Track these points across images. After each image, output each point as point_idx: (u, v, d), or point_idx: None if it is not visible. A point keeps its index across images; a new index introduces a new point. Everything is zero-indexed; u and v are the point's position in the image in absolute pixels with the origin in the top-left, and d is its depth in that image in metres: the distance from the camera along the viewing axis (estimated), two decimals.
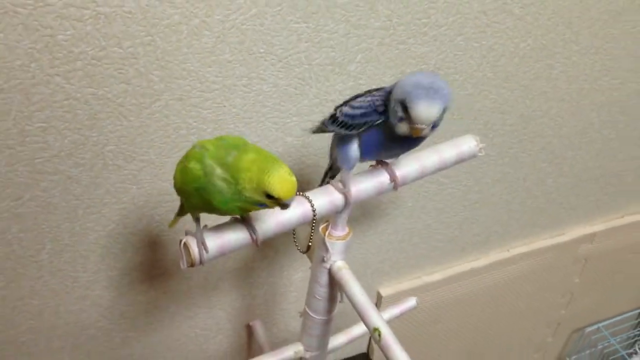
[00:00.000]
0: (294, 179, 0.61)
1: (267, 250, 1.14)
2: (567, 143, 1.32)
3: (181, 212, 0.81)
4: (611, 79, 1.26)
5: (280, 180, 0.59)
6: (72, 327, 1.05)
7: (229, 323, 1.21)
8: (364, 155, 0.74)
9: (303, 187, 0.80)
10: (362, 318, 0.78)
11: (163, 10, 0.79)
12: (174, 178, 0.69)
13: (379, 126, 0.69)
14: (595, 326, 1.79)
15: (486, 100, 1.14)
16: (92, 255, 0.98)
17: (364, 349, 1.46)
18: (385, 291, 1.34)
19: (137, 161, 0.91)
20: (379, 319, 0.76)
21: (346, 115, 0.72)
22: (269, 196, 0.60)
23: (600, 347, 1.83)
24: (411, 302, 1.07)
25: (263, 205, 0.62)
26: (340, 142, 0.76)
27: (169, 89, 0.86)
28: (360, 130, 0.70)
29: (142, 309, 1.09)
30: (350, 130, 0.72)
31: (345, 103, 0.74)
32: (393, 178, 0.78)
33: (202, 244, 0.67)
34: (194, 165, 0.63)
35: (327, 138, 0.83)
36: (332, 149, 0.80)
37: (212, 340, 1.22)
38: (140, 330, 1.12)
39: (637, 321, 1.91)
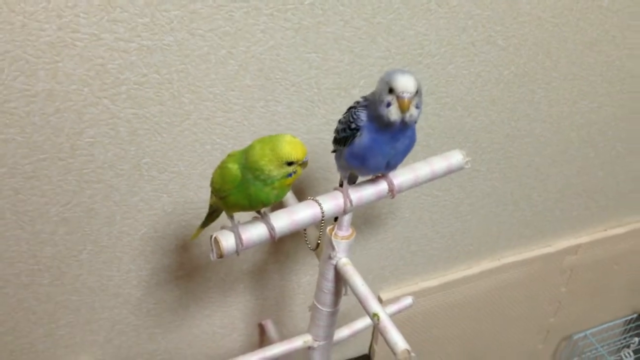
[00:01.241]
0: (298, 139, 0.75)
1: (279, 255, 1.27)
2: (550, 161, 1.46)
3: (206, 223, 0.94)
4: (589, 102, 1.39)
5: (291, 146, 0.74)
6: (105, 322, 1.17)
7: (242, 322, 1.34)
8: (351, 163, 0.85)
9: (313, 194, 0.93)
10: (363, 305, 0.90)
11: (195, 42, 0.93)
12: (212, 183, 0.82)
13: (357, 137, 0.82)
14: (583, 333, 1.91)
15: (475, 122, 1.28)
16: (125, 256, 1.11)
17: (365, 351, 1.58)
18: (385, 295, 1.46)
19: (168, 172, 1.04)
20: (377, 306, 0.89)
21: (336, 131, 0.87)
22: (289, 163, 0.74)
23: (588, 354, 1.94)
24: (407, 300, 1.19)
25: (290, 175, 0.76)
26: (336, 155, 0.90)
27: (198, 110, 1.00)
28: (346, 145, 0.84)
29: (166, 307, 1.22)
30: (342, 146, 0.85)
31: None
32: (390, 186, 0.91)
33: (239, 237, 0.80)
34: (232, 165, 0.77)
35: (332, 156, 0.96)
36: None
37: (228, 338, 1.35)
38: (165, 327, 1.25)
39: (623, 328, 2.03)
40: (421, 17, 1.07)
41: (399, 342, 0.84)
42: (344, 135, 0.84)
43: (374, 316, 0.88)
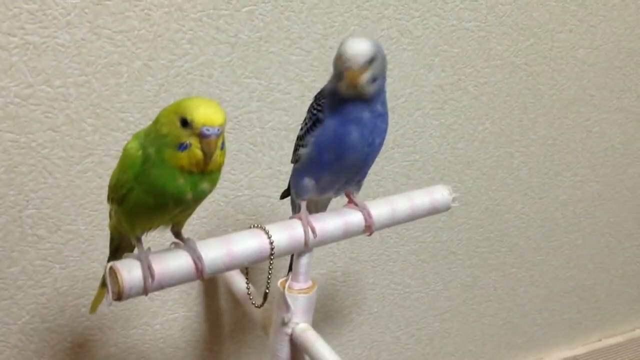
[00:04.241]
0: (215, 103, 0.52)
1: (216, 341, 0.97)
2: (535, 246, 1.25)
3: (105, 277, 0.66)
4: (571, 175, 1.22)
5: (197, 102, 0.50)
6: None
7: None
8: (322, 158, 0.65)
9: None
10: None
11: (101, 46, 0.73)
12: (110, 181, 0.59)
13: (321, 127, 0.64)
14: None
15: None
16: None
17: None
18: None
19: (62, 232, 0.78)
20: None
21: (299, 137, 0.69)
22: (184, 121, 0.49)
23: None
24: None
25: (182, 148, 0.50)
26: (295, 174, 0.70)
27: (104, 142, 0.76)
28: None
29: None
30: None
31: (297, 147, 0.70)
32: (366, 217, 0.68)
33: (148, 266, 0.54)
34: (131, 144, 0.54)
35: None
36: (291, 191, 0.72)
37: None
38: None
39: None
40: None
41: None
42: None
43: None
